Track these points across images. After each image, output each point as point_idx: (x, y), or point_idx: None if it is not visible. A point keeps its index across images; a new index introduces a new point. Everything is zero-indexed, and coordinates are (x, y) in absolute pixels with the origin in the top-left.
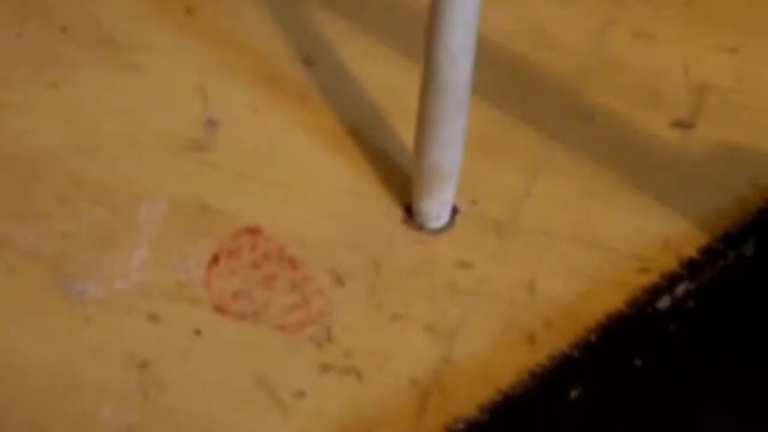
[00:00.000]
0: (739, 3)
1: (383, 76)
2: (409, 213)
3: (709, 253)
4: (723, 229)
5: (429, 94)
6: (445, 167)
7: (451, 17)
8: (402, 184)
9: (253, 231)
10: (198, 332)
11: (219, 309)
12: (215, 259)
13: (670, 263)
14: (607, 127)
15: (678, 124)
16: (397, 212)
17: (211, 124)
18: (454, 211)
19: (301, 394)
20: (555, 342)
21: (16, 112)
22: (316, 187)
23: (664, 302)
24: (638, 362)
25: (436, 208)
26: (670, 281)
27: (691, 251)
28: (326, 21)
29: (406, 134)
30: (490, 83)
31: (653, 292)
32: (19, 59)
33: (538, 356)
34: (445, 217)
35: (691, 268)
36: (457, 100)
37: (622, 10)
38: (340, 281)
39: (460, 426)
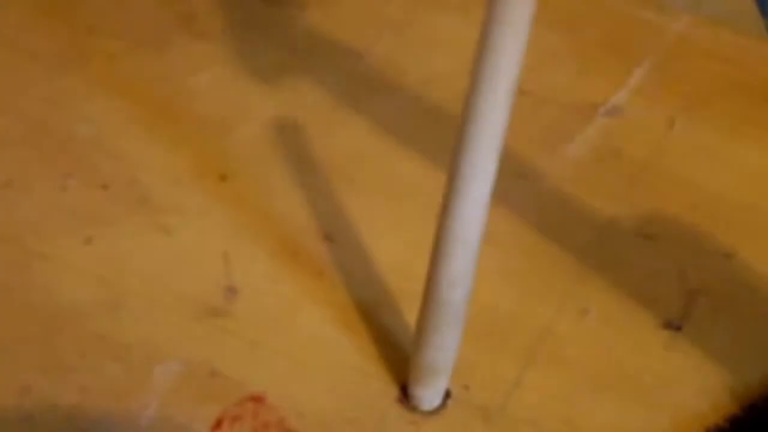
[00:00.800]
0: (739, 209)
1: (398, 256)
2: (405, 393)
3: None
4: None
5: (427, 308)
6: (439, 366)
7: (453, 246)
8: (401, 363)
9: (257, 399)
10: None
11: None
12: (219, 424)
13: None
14: (600, 322)
15: (668, 325)
16: (394, 391)
17: (231, 291)
18: (447, 394)
19: None
20: None
21: (51, 264)
22: (321, 361)
23: None
24: None
25: (428, 394)
26: None
27: None
28: (350, 198)
29: (411, 316)
30: (494, 270)
31: None
32: (60, 213)
33: None
34: (436, 402)
35: None
36: (454, 316)
37: (627, 210)
38: None
39: None
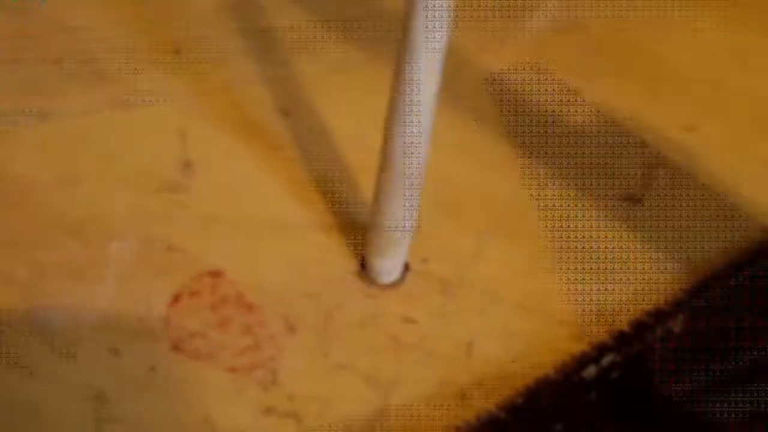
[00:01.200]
0: (701, 83)
1: (356, 130)
2: (363, 267)
3: (637, 326)
4: (654, 304)
5: (383, 176)
6: (396, 236)
7: (407, 110)
8: (360, 237)
9: (216, 274)
10: (153, 369)
11: (176, 347)
12: (177, 299)
13: (602, 334)
14: (560, 195)
15: (627, 198)
16: (353, 265)
17: (188, 166)
18: (406, 267)
19: None
20: (485, 402)
21: (3, 140)
22: (279, 236)
23: (590, 371)
24: (558, 427)
25: (387, 266)
26: (598, 351)
27: (623, 323)
28: (307, 72)
29: (370, 189)
30: (451, 143)
31: (581, 361)
32: (12, 88)
33: (467, 414)
34: (395, 274)
35: (619, 340)
36: (410, 184)
37: (588, 83)
38: (292, 328)
39: None
